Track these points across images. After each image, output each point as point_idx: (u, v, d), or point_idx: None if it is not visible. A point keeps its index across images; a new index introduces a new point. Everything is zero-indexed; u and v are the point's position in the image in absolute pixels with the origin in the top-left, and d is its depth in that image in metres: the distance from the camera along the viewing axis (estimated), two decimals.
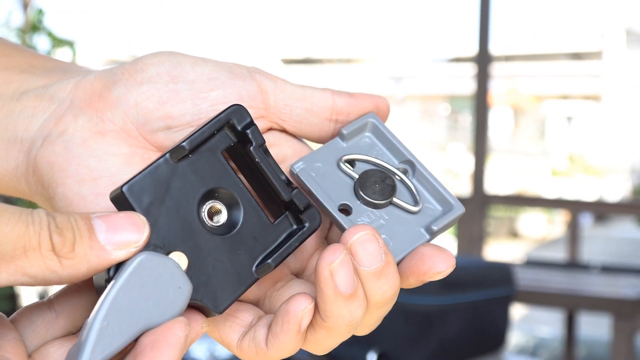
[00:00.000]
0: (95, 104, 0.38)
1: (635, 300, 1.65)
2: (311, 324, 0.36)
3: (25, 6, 3.63)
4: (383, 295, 0.36)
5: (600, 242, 12.55)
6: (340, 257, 0.34)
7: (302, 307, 0.35)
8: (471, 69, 2.66)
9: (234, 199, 0.35)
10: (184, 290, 0.32)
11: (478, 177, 2.55)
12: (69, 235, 0.30)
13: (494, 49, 2.61)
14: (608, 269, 2.05)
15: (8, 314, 0.36)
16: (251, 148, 0.36)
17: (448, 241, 9.21)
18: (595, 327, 5.31)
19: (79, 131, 0.38)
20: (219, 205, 0.35)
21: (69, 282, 0.32)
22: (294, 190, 0.37)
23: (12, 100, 0.39)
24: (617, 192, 17.77)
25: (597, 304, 1.70)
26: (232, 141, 0.36)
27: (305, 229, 0.36)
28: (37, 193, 0.40)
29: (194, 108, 0.39)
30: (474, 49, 2.57)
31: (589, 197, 14.97)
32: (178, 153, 0.34)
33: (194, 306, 0.34)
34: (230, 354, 0.98)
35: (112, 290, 0.30)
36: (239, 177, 0.36)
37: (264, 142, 0.37)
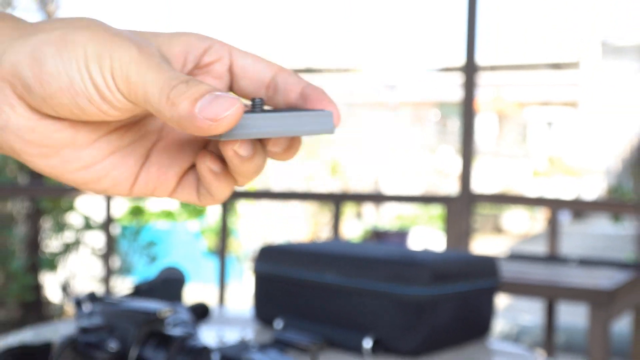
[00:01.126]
0: (24, 96, 0.37)
1: (611, 291, 1.65)
2: (228, 175, 0.40)
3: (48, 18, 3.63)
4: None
5: (578, 238, 12.55)
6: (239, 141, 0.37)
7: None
8: (459, 78, 2.66)
9: None
10: None
11: (465, 177, 2.54)
12: None
13: (480, 59, 2.61)
14: (585, 262, 2.05)
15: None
16: None
17: (437, 237, 9.21)
18: (573, 316, 5.31)
19: (22, 121, 0.37)
20: None
21: None
22: None
23: None
24: (593, 191, 17.76)
25: (575, 294, 1.70)
26: None
27: None
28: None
29: None
30: (461, 60, 2.57)
31: (568, 195, 14.97)
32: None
33: None
34: (238, 340, 0.97)
35: None
36: None
37: None
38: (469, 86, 2.52)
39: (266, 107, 0.40)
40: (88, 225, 3.55)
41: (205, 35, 0.41)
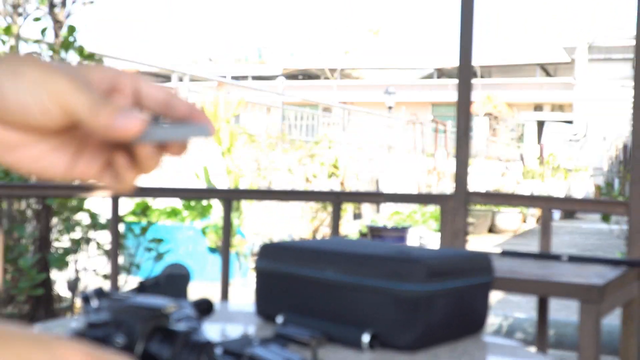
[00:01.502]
0: None
1: (601, 287, 1.65)
2: (135, 167, 0.52)
3: (57, 23, 3.61)
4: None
5: (568, 235, 12.55)
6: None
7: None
8: (454, 81, 2.66)
9: None
10: None
11: (461, 176, 2.54)
12: None
13: (475, 62, 2.60)
14: (576, 259, 2.04)
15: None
16: None
17: (434, 235, 9.20)
18: (565, 311, 5.31)
19: None
20: None
21: None
22: None
23: None
24: (582, 190, 17.77)
25: (566, 290, 1.70)
26: None
27: None
28: None
29: None
30: (456, 63, 2.57)
31: (559, 194, 14.94)
32: None
33: None
34: (241, 335, 0.97)
35: None
36: None
37: None
38: (464, 89, 2.52)
39: (163, 120, 0.53)
40: (96, 224, 3.55)
41: (117, 68, 0.54)
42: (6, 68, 0.48)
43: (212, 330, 1.07)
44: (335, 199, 2.53)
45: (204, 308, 1.04)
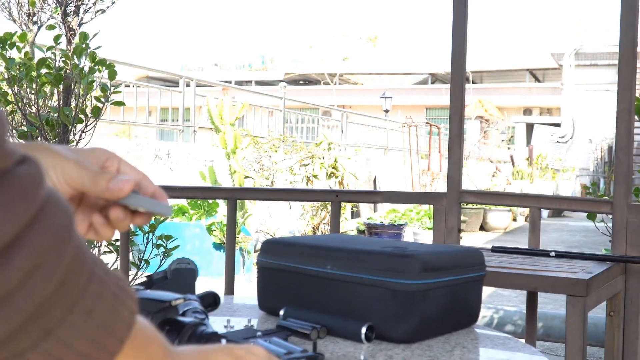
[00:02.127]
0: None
1: (587, 281, 1.65)
2: (109, 227, 0.65)
3: (70, 30, 3.60)
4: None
5: (556, 231, 12.55)
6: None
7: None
8: (448, 85, 2.65)
9: None
10: None
11: (453, 178, 2.54)
12: None
13: (467, 68, 2.60)
14: (563, 255, 2.04)
15: None
16: None
17: (429, 232, 9.19)
18: (553, 304, 5.31)
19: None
20: None
21: None
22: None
23: None
24: (569, 189, 17.77)
25: (554, 284, 1.69)
26: None
27: None
28: None
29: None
30: (449, 69, 2.56)
31: (547, 194, 14.89)
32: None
33: None
34: (245, 326, 0.97)
35: None
36: None
37: None
38: (457, 93, 2.51)
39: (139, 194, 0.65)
40: None
41: (108, 151, 0.67)
42: (35, 154, 0.61)
43: (217, 323, 1.07)
44: (335, 198, 2.53)
45: (210, 301, 1.04)
